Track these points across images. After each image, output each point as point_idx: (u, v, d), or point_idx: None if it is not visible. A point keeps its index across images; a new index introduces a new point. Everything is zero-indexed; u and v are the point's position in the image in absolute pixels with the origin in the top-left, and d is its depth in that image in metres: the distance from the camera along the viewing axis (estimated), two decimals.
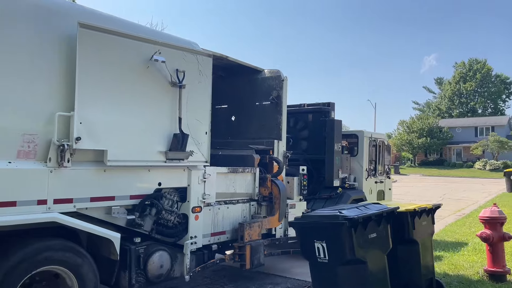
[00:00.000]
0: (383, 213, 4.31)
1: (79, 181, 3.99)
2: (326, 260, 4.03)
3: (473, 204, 16.74)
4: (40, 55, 3.81)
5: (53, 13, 3.93)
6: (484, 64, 72.28)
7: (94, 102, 4.01)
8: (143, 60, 4.42)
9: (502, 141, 47.97)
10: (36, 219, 3.62)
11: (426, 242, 5.09)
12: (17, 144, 3.64)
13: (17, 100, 3.67)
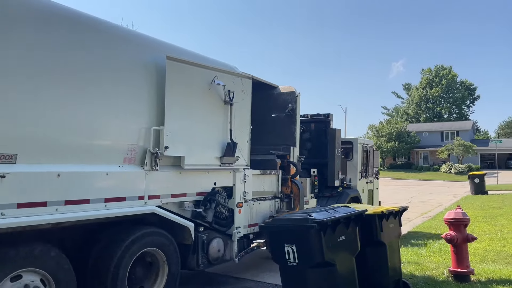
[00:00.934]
0: (352, 216, 4.36)
1: (164, 181, 5.00)
2: (296, 264, 4.04)
3: (439, 207, 17.22)
4: (141, 83, 4.83)
5: (152, 50, 5.10)
6: (450, 71, 74.73)
7: (176, 118, 5.01)
8: (206, 84, 5.48)
9: (467, 145, 49.67)
10: (142, 210, 4.63)
11: (393, 244, 5.18)
12: (124, 152, 4.61)
13: (125, 117, 4.66)
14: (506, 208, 14.70)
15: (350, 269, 4.27)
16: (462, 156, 50.35)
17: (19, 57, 3.74)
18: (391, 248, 5.09)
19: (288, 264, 4.07)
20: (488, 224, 11.19)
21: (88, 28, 4.43)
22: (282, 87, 7.50)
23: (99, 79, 4.42)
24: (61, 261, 3.88)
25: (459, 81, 75.07)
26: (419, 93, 75.57)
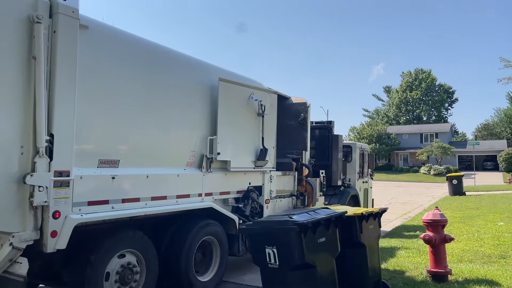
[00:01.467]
0: (332, 217, 4.39)
1: (215, 181, 6.04)
2: (276, 266, 4.04)
3: (418, 208, 17.50)
4: (199, 100, 5.92)
5: (205, 72, 6.15)
6: (429, 74, 76.08)
7: (225, 129, 6.05)
8: (245, 99, 6.59)
9: (445, 147, 50.65)
10: (203, 205, 5.67)
11: (373, 245, 5.23)
12: (187, 157, 5.67)
13: (189, 129, 5.77)
14: (483, 208, 15.03)
15: (330, 270, 4.30)
16: (440, 157, 51.33)
17: (128, 90, 4.91)
18: (371, 249, 5.14)
19: (269, 266, 4.07)
20: (466, 224, 11.42)
21: (176, 62, 5.71)
22: (294, 98, 8.46)
23: (174, 100, 5.54)
24: (148, 245, 4.89)
25: (438, 84, 76.49)
26: (399, 95, 76.71)
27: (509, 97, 75.78)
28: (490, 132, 68.29)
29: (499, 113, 71.76)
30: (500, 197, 19.87)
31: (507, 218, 12.29)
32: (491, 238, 9.17)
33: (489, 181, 38.90)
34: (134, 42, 5.16)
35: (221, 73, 6.37)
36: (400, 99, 76.59)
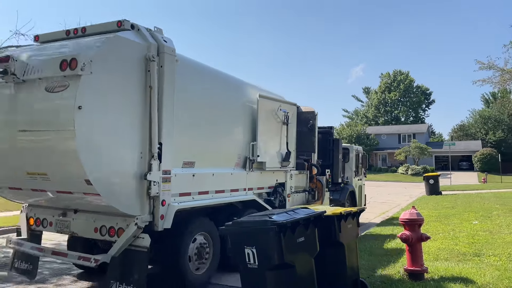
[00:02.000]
0: (311, 217, 4.41)
1: (254, 178, 7.47)
2: (256, 266, 4.04)
3: (396, 207, 17.79)
4: (245, 113, 7.34)
5: (247, 90, 7.59)
6: (407, 76, 77.35)
7: (262, 136, 7.49)
8: (275, 111, 8.04)
9: (422, 147, 51.62)
10: (249, 198, 7.19)
11: (351, 244, 5.28)
12: (235, 159, 7.07)
13: (238, 136, 7.20)
14: (458, 208, 15.36)
15: (309, 270, 4.32)
16: (418, 158, 52.29)
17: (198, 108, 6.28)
18: (349, 248, 5.19)
19: (248, 266, 4.06)
20: (442, 223, 11.65)
21: (229, 84, 7.27)
22: (303, 107, 9.64)
23: (227, 115, 6.96)
24: (213, 227, 6.13)
25: (415, 85, 77.84)
26: (378, 96, 77.76)
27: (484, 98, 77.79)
28: (465, 133, 69.88)
29: (474, 115, 73.53)
30: (475, 196, 20.36)
31: (482, 217, 12.60)
32: (466, 237, 9.38)
33: (465, 180, 39.84)
34: (203, 70, 6.60)
35: (256, 90, 7.76)
36: (379, 100, 77.65)
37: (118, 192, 4.97)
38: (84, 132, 4.55)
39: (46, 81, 4.78)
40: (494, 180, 40.58)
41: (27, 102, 5.01)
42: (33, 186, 5.27)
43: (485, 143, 61.36)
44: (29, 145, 5.02)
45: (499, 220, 11.81)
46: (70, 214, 5.61)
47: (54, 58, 4.84)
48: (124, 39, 5.07)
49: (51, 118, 4.75)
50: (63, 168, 4.84)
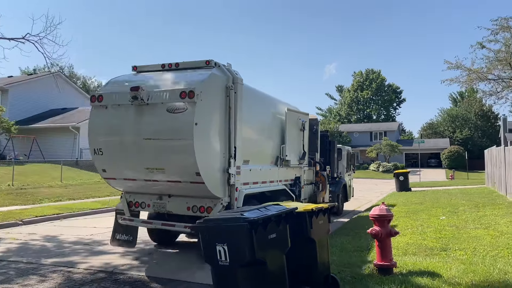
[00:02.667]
0: (282, 213, 4.43)
1: (283, 173, 9.58)
2: (227, 263, 4.02)
3: (367, 203, 18.11)
4: (277, 123, 9.54)
5: (277, 105, 9.83)
6: (379, 74, 78.76)
7: (289, 140, 9.69)
8: (296, 120, 10.31)
9: (393, 145, 52.70)
10: (282, 187, 9.35)
11: (322, 240, 5.33)
12: (271, 158, 9.20)
13: (273, 141, 9.33)
14: (426, 203, 15.76)
15: (280, 266, 4.34)
16: (389, 155, 53.35)
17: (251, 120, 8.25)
18: (321, 244, 5.24)
19: (220, 264, 4.04)
20: (410, 219, 11.92)
21: (269, 102, 9.59)
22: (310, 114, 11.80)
23: (267, 125, 9.22)
24: None
25: (387, 84, 79.36)
26: (351, 95, 78.87)
27: (452, 98, 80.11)
28: (434, 131, 71.85)
29: (442, 113, 75.68)
30: (443, 193, 20.96)
31: (449, 212, 12.97)
32: (433, 232, 9.63)
33: (433, 177, 40.97)
34: (255, 93, 8.75)
35: (284, 105, 10.09)
36: (352, 98, 78.78)
37: (213, 181, 7.02)
38: (198, 140, 6.61)
39: (167, 105, 6.75)
40: (461, 176, 41.90)
41: (151, 119, 6.96)
42: (147, 178, 7.28)
43: (453, 141, 63.27)
44: (151, 148, 6.93)
45: (465, 215, 12.19)
46: (165, 198, 7.61)
47: (175, 89, 6.82)
48: (216, 75, 7.31)
49: (174, 130, 6.74)
50: (179, 164, 6.88)
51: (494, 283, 5.46)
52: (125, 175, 7.60)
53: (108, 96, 7.38)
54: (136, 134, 7.08)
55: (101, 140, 7.57)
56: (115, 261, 7.57)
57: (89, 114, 7.72)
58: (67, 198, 18.11)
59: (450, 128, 68.48)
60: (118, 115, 7.30)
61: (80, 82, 65.54)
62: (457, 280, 5.58)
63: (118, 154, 7.43)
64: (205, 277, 6.05)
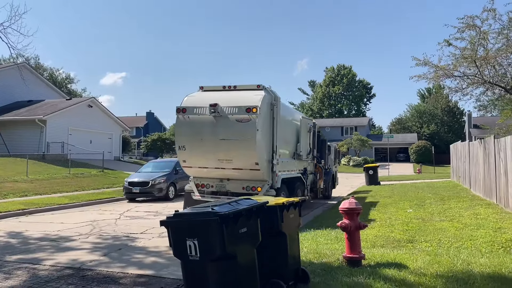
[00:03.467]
0: (253, 207, 4.43)
1: (297, 164, 12.94)
2: (197, 258, 3.99)
3: (338, 197, 18.38)
4: (294, 128, 12.80)
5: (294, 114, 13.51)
6: (350, 70, 79.80)
7: (301, 139, 13.10)
8: (307, 125, 13.80)
9: (363, 139, 53.66)
10: (297, 175, 12.87)
11: (293, 234, 5.37)
12: (290, 153, 12.45)
13: (292, 140, 12.64)
14: (395, 197, 16.14)
15: (251, 260, 4.34)
16: (359, 149, 54.31)
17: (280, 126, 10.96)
18: (291, 237, 5.27)
19: (190, 258, 4.00)
20: (379, 212, 12.19)
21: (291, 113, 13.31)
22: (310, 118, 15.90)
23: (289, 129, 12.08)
24: (285, 189, 11.34)
25: (358, 80, 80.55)
26: (323, 90, 79.65)
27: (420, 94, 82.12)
28: (403, 126, 73.53)
29: (411, 109, 77.51)
30: (410, 186, 21.51)
31: (416, 205, 13.33)
32: (401, 224, 9.87)
33: (401, 171, 41.98)
34: (284, 106, 12.02)
35: (298, 113, 14.40)
36: (324, 94, 79.57)
37: (264, 168, 10.40)
38: (258, 141, 10.01)
39: (236, 116, 10.08)
40: (428, 170, 43.13)
41: (224, 125, 10.19)
42: (217, 166, 10.60)
43: (421, 136, 64.98)
44: (224, 146, 10.23)
45: (431, 208, 12.56)
46: (225, 181, 11.00)
47: (242, 106, 10.09)
48: (266, 96, 10.51)
49: (242, 134, 10.01)
50: (244, 157, 10.17)
51: (457, 273, 5.65)
52: (200, 164, 10.95)
53: (190, 109, 10.70)
54: (213, 135, 10.33)
55: (184, 139, 10.82)
56: (83, 257, 7.42)
57: (57, 107, 11.10)
58: (33, 193, 17.60)
59: (418, 123, 70.26)
60: (199, 122, 10.55)
61: (47, 74, 63.41)
62: (423, 271, 5.74)
63: (197, 150, 10.69)
64: (175, 271, 6.01)
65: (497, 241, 7.80)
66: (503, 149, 11.38)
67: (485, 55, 13.66)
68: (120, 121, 39.53)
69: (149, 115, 74.61)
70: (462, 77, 14.83)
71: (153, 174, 18.36)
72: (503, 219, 9.95)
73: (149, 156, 52.75)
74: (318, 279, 5.49)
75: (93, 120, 35.36)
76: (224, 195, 10.90)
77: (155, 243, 8.65)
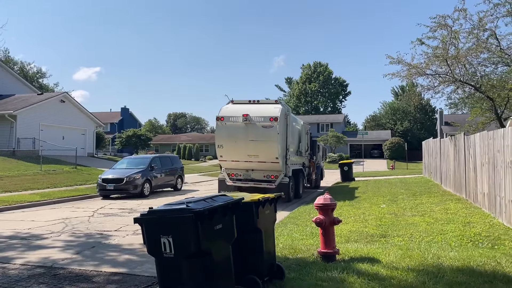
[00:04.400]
0: (229, 204, 4.42)
1: (299, 160, 17.26)
2: (172, 255, 3.96)
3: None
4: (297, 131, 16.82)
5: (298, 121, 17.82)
6: (326, 68, 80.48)
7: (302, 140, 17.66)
8: (306, 129, 18.43)
9: (339, 136, 54.31)
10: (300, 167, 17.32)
11: (268, 230, 5.39)
12: (295, 151, 16.36)
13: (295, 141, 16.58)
14: (368, 193, 16.43)
15: (226, 257, 4.34)
16: (335, 146, 54.95)
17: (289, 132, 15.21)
18: (267, 233, 5.29)
19: (164, 256, 3.97)
20: (353, 207, 12.39)
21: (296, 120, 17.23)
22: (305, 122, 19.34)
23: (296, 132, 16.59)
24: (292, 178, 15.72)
25: (334, 77, 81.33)
26: (300, 87, 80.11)
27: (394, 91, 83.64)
28: (377, 123, 74.78)
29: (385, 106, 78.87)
30: (384, 182, 21.93)
31: (389, 201, 13.61)
32: (374, 219, 10.06)
33: (376, 167, 42.73)
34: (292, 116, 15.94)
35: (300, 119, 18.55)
36: (300, 91, 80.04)
37: (281, 162, 14.33)
38: (278, 142, 14.04)
39: (262, 123, 13.98)
40: (401, 167, 44.02)
41: (253, 130, 14.11)
42: (246, 160, 14.40)
43: (394, 132, 66.23)
44: (253, 145, 14.19)
45: (404, 203, 12.85)
46: (250, 171, 14.75)
47: (266, 116, 14.06)
48: (283, 108, 14.46)
49: (266, 136, 14.02)
50: (267, 153, 14.12)
51: (428, 267, 5.80)
52: (233, 159, 14.83)
53: (227, 117, 14.64)
54: (244, 137, 14.35)
55: (222, 140, 14.76)
56: (55, 255, 7.26)
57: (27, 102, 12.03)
58: (2, 190, 17.10)
59: (391, 120, 71.59)
60: (233, 127, 14.47)
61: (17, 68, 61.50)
62: (395, 265, 5.87)
63: (231, 148, 14.63)
64: (150, 269, 5.95)
65: (466, 235, 8.05)
66: (472, 146, 11.72)
67: (456, 54, 14.01)
68: (94, 117, 38.75)
69: (124, 110, 73.34)
70: (434, 75, 15.17)
71: (128, 170, 18.09)
72: (472, 213, 10.27)
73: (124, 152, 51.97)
74: (293, 274, 5.54)
75: (66, 116, 34.56)
76: (250, 181, 14.91)
77: (129, 240, 8.53)
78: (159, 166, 19.36)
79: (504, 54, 13.88)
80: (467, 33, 14.15)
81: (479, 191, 11.01)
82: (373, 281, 5.17)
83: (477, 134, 11.31)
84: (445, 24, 13.88)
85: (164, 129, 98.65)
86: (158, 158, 20.24)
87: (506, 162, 8.58)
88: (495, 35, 13.92)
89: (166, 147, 69.80)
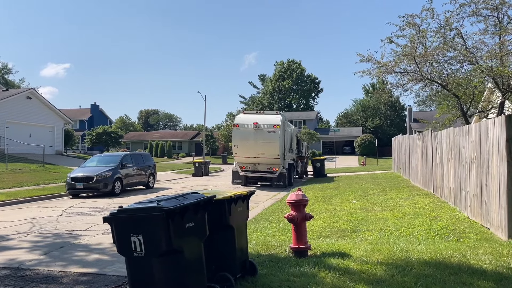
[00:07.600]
0: (201, 202, 4.39)
1: (291, 155, 22.38)
2: (142, 254, 3.90)
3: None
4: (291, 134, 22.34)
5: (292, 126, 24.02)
6: (299, 65, 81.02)
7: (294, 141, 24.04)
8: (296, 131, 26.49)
9: (311, 133, 54.84)
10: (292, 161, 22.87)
11: (241, 227, 5.40)
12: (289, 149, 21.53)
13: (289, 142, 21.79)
14: (340, 189, 16.69)
15: (198, 255, 4.32)
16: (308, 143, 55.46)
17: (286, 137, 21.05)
18: (239, 230, 5.30)
19: (134, 255, 3.91)
20: (325, 203, 12.55)
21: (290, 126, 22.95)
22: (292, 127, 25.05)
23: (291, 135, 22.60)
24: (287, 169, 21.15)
25: (306, 74, 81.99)
26: (273, 84, 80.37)
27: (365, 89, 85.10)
28: (349, 120, 75.94)
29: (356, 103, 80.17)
30: (355, 178, 22.33)
31: (360, 196, 13.86)
32: (345, 215, 10.23)
33: (347, 163, 43.39)
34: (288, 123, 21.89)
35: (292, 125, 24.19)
36: (274, 88, 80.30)
37: (281, 157, 19.63)
38: (280, 143, 19.51)
39: (268, 129, 19.41)
40: (371, 163, 44.90)
41: (261, 134, 19.51)
42: (255, 156, 19.65)
43: (365, 129, 67.43)
44: (260, 145, 19.50)
45: (374, 198, 13.12)
46: (257, 165, 19.95)
47: (271, 124, 19.49)
48: (282, 118, 20.02)
49: (271, 139, 19.40)
50: (271, 151, 19.48)
51: (397, 260, 5.95)
52: (245, 155, 19.63)
53: (241, 124, 19.75)
54: (254, 139, 19.32)
55: (237, 141, 19.73)
56: (21, 256, 7.04)
57: None
58: None
59: (362, 117, 72.85)
60: (246, 132, 19.51)
61: None
62: (365, 259, 5.99)
63: (245, 147, 19.52)
64: (120, 269, 5.86)
65: (433, 229, 8.29)
66: (439, 142, 12.08)
67: (424, 52, 14.37)
68: (62, 114, 37.73)
69: (93, 107, 71.70)
70: (403, 73, 15.51)
71: (98, 168, 17.72)
72: (439, 208, 10.59)
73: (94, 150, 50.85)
74: (266, 270, 5.57)
75: (33, 113, 33.52)
76: (256, 172, 19.91)
77: (99, 240, 8.37)
78: (131, 164, 19.06)
79: (469, 53, 14.32)
80: (435, 32, 14.55)
81: (446, 186, 11.36)
82: (344, 276, 5.26)
83: (444, 131, 11.65)
84: (414, 23, 14.21)
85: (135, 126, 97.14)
86: (130, 155, 19.92)
87: (470, 158, 8.89)
88: (461, 34, 14.36)
89: (138, 145, 68.74)
